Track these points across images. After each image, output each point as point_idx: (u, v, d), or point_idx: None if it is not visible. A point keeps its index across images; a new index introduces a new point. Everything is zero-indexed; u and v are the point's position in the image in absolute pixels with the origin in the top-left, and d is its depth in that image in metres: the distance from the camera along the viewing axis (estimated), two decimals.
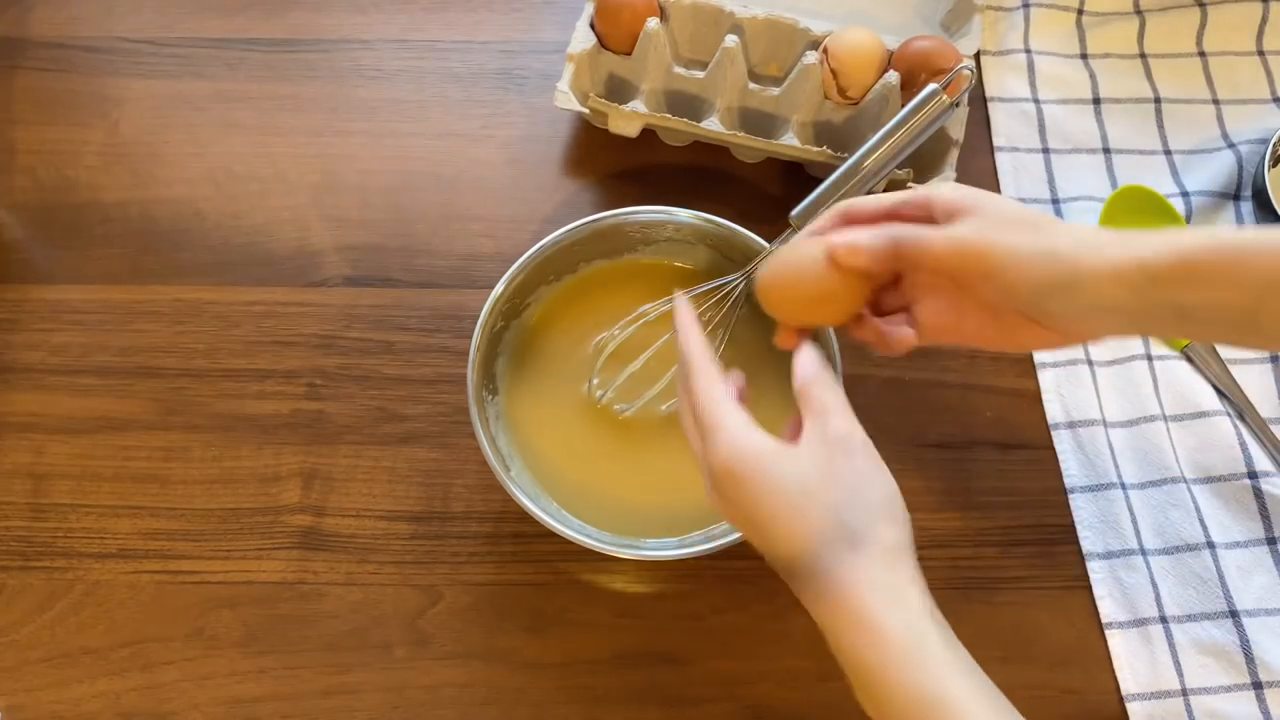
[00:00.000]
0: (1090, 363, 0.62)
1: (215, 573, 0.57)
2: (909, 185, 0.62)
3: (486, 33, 0.72)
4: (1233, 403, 0.60)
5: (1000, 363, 0.63)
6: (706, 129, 0.63)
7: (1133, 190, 0.65)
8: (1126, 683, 0.55)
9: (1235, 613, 0.55)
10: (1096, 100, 0.69)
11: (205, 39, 0.71)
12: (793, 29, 0.65)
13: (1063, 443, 0.60)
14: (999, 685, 0.56)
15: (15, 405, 0.61)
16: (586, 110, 0.65)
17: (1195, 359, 0.61)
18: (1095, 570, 0.57)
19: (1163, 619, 0.56)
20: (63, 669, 0.55)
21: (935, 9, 0.71)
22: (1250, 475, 0.58)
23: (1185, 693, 0.54)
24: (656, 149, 0.68)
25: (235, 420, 0.61)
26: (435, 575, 0.57)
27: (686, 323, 0.47)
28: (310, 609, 0.57)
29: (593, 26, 0.66)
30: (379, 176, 0.67)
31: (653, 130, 0.66)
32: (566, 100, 0.64)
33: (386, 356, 0.62)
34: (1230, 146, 0.66)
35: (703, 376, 0.44)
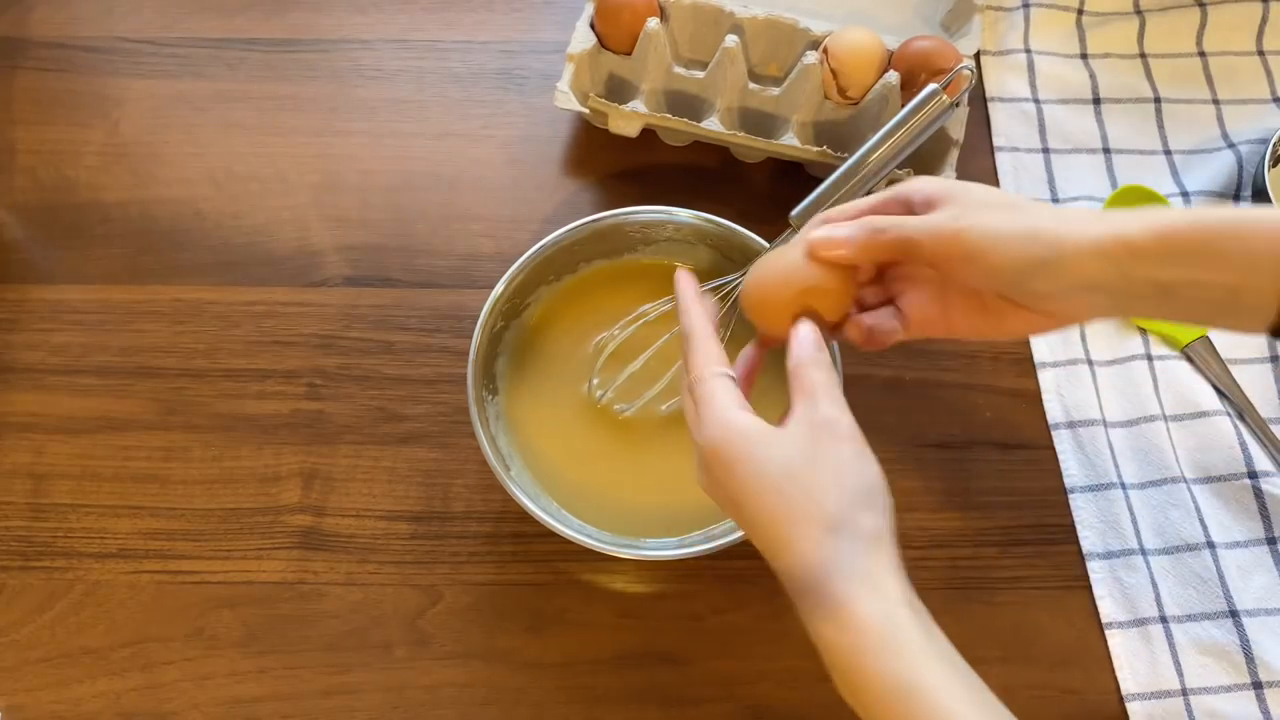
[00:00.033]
0: (1090, 363, 0.62)
1: (215, 573, 0.57)
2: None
3: (486, 33, 0.72)
4: (1233, 403, 0.60)
5: (1000, 363, 0.63)
6: (706, 129, 0.63)
7: (1133, 190, 0.65)
8: (1126, 683, 0.55)
9: (1235, 613, 0.55)
10: (1096, 100, 0.69)
11: (205, 39, 0.71)
12: (793, 29, 0.65)
13: (1063, 443, 0.60)
14: (999, 685, 0.56)
15: (15, 405, 0.61)
16: (586, 110, 0.65)
17: (1195, 359, 0.61)
18: (1095, 570, 0.57)
19: (1163, 619, 0.56)
20: (63, 669, 0.55)
21: (935, 9, 0.71)
22: (1250, 475, 0.58)
23: (1185, 692, 0.54)
24: (656, 149, 0.68)
25: (235, 420, 0.61)
26: (435, 575, 0.57)
27: (688, 296, 0.46)
28: (310, 609, 0.57)
29: (593, 26, 0.66)
30: (379, 176, 0.67)
31: (653, 130, 0.66)
32: (566, 100, 0.64)
33: (386, 356, 0.62)
34: (1230, 146, 0.66)
35: (699, 351, 0.44)
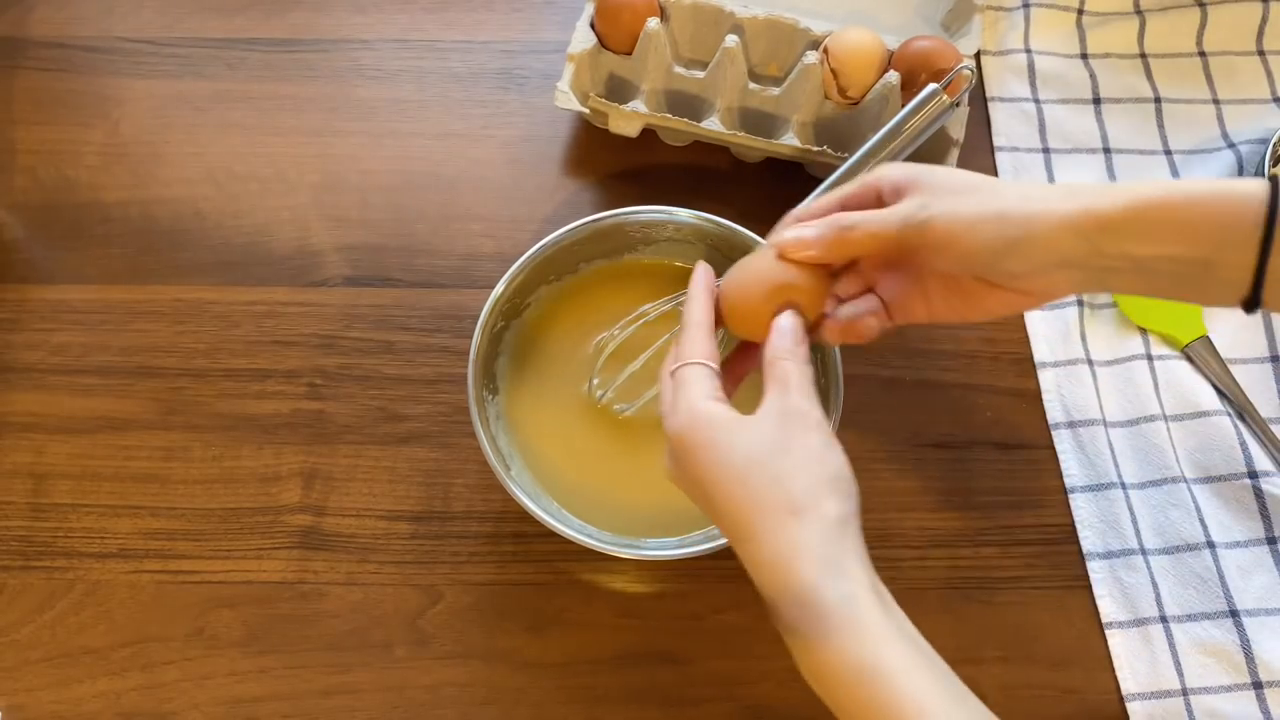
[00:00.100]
0: (1090, 362, 0.62)
1: (216, 572, 0.57)
2: None
3: (486, 33, 0.72)
4: (1233, 403, 0.60)
5: (1000, 363, 0.63)
6: (706, 129, 0.63)
7: None
8: (1126, 682, 0.55)
9: (1235, 612, 0.55)
10: (1096, 100, 0.69)
11: (205, 39, 0.71)
12: (793, 29, 0.65)
13: (1063, 443, 0.60)
14: (999, 685, 0.56)
15: (15, 405, 0.61)
16: (587, 110, 0.65)
17: (1195, 359, 0.61)
18: (1095, 570, 0.57)
19: (1163, 619, 0.56)
20: (63, 669, 0.55)
21: (935, 9, 0.71)
22: (1250, 475, 0.58)
23: (1185, 692, 0.54)
24: (656, 149, 0.68)
25: (236, 420, 0.61)
26: (435, 575, 0.57)
27: (699, 286, 0.46)
28: (310, 609, 0.57)
29: (593, 26, 0.66)
30: (379, 176, 0.67)
31: (653, 130, 0.66)
32: (567, 100, 0.64)
33: (387, 356, 0.62)
34: (1230, 146, 0.66)
35: (687, 340, 0.44)
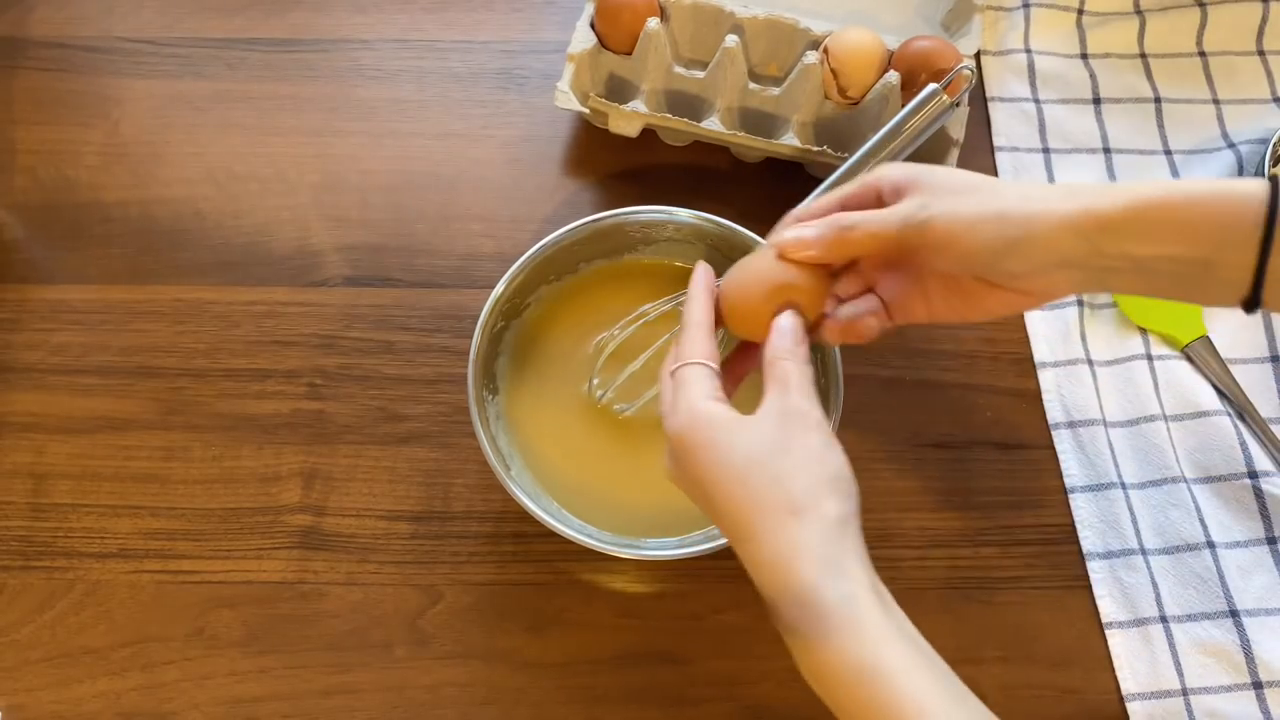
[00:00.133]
0: (1090, 363, 0.62)
1: (216, 572, 0.57)
2: None
3: (486, 33, 0.72)
4: (1233, 403, 0.60)
5: (1000, 363, 0.63)
6: (706, 129, 0.63)
7: None
8: (1126, 682, 0.55)
9: (1235, 612, 0.55)
10: (1096, 100, 0.69)
11: (205, 39, 0.71)
12: (793, 29, 0.65)
13: (1063, 443, 0.60)
14: (999, 685, 0.56)
15: (15, 405, 0.61)
16: (587, 110, 0.65)
17: (1195, 359, 0.61)
18: (1095, 570, 0.57)
19: (1163, 619, 0.56)
20: (63, 669, 0.55)
21: (935, 9, 0.71)
22: (1250, 475, 0.58)
23: (1185, 692, 0.54)
24: (656, 149, 0.68)
25: (236, 420, 0.61)
26: (435, 575, 0.57)
27: (699, 286, 0.46)
28: (310, 609, 0.57)
29: (593, 26, 0.66)
30: (379, 176, 0.67)
31: (653, 130, 0.66)
32: (567, 100, 0.64)
33: (387, 356, 0.62)
34: (1230, 146, 0.66)
35: (687, 340, 0.44)
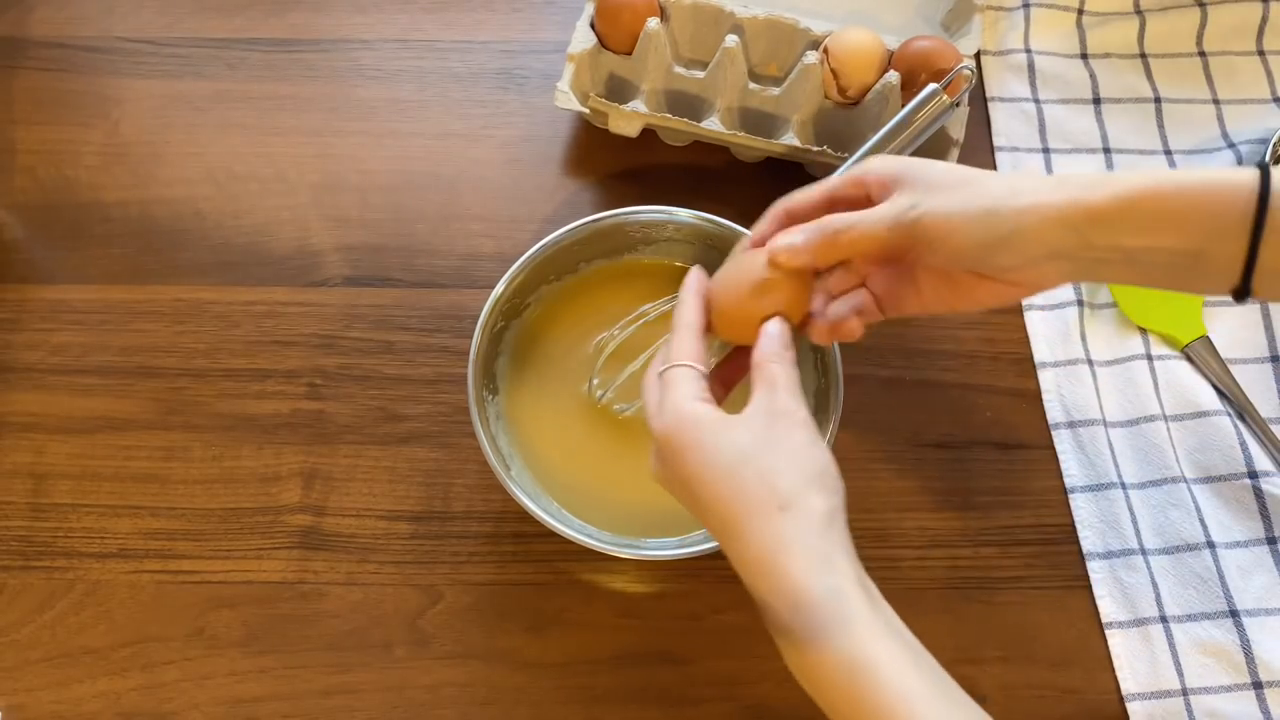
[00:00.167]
0: (1090, 362, 0.62)
1: (215, 572, 0.57)
2: None
3: (486, 33, 0.72)
4: (1233, 403, 0.60)
5: (1000, 363, 0.63)
6: (706, 129, 0.63)
7: None
8: (1126, 682, 0.55)
9: (1235, 612, 0.55)
10: (1096, 100, 0.69)
11: (205, 39, 0.71)
12: (793, 29, 0.65)
13: (1063, 443, 0.60)
14: (999, 685, 0.56)
15: (15, 405, 0.61)
16: (587, 110, 0.65)
17: (1195, 359, 0.61)
18: (1095, 570, 0.57)
19: (1163, 619, 0.56)
20: (63, 669, 0.55)
21: (935, 9, 0.71)
22: (1250, 475, 0.58)
23: (1185, 692, 0.54)
24: (656, 149, 0.68)
25: (235, 420, 0.61)
26: (435, 575, 0.57)
27: (690, 290, 0.47)
28: (310, 609, 0.57)
29: (593, 26, 0.66)
30: (379, 176, 0.67)
31: (653, 130, 0.66)
32: (567, 100, 0.64)
33: (387, 356, 0.62)
34: (1230, 146, 0.66)
35: (676, 343, 0.44)
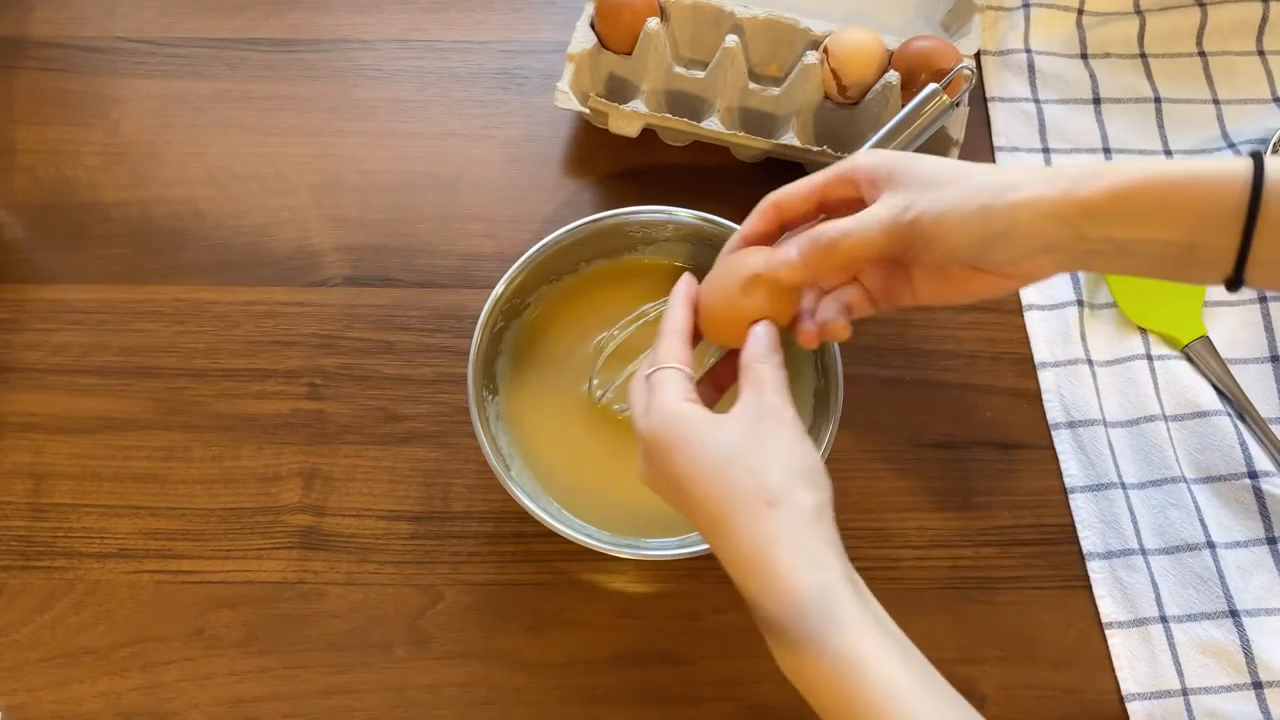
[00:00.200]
0: (1090, 363, 0.62)
1: (215, 572, 0.57)
2: None
3: (486, 33, 0.72)
4: (1233, 403, 0.60)
5: (1000, 363, 0.63)
6: (706, 129, 0.63)
7: None
8: (1126, 682, 0.55)
9: (1235, 612, 0.55)
10: (1096, 100, 0.69)
11: (205, 39, 0.71)
12: (793, 29, 0.65)
13: (1063, 443, 0.60)
14: (999, 685, 0.56)
15: (15, 405, 0.61)
16: (587, 110, 0.65)
17: (1195, 359, 0.61)
18: (1095, 570, 0.57)
19: (1163, 619, 0.56)
20: (63, 669, 0.55)
21: (935, 9, 0.71)
22: (1250, 475, 0.58)
23: (1185, 692, 0.54)
24: (656, 149, 0.68)
25: (235, 420, 0.61)
26: (435, 575, 0.57)
27: (678, 296, 0.47)
28: (310, 609, 0.57)
29: (593, 26, 0.66)
30: (379, 176, 0.67)
31: (653, 130, 0.66)
32: (567, 100, 0.64)
33: (387, 356, 0.62)
34: (1230, 146, 0.66)
35: (662, 346, 0.45)
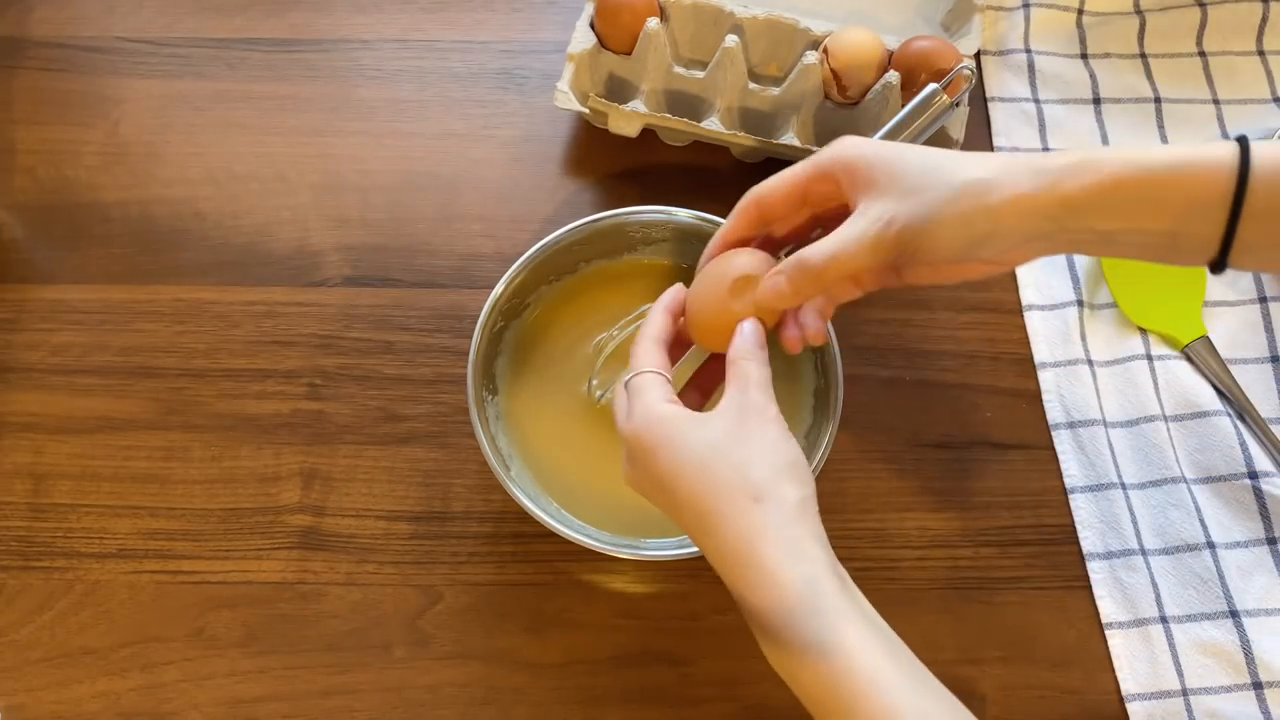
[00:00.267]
0: (1090, 363, 0.62)
1: (215, 573, 0.57)
2: None
3: (486, 33, 0.72)
4: (1233, 403, 0.60)
5: (1000, 363, 0.63)
6: (706, 129, 0.63)
7: None
8: (1126, 683, 0.55)
9: (1235, 613, 0.55)
10: (1096, 100, 0.69)
11: (205, 39, 0.71)
12: (793, 29, 0.65)
13: (1063, 443, 0.60)
14: (999, 685, 0.56)
15: (15, 405, 0.61)
16: (586, 110, 0.65)
17: (1195, 359, 0.61)
18: (1095, 570, 0.57)
19: (1163, 619, 0.56)
20: (63, 669, 0.55)
21: (935, 9, 0.71)
22: (1250, 475, 0.58)
23: (1185, 693, 0.54)
24: (656, 149, 0.68)
25: (235, 420, 0.61)
26: (435, 575, 0.57)
27: (660, 304, 0.48)
28: (310, 609, 0.57)
29: (593, 26, 0.66)
30: (379, 176, 0.67)
31: (653, 130, 0.66)
32: (566, 100, 0.64)
33: (386, 356, 0.62)
34: None
35: (639, 353, 0.45)
